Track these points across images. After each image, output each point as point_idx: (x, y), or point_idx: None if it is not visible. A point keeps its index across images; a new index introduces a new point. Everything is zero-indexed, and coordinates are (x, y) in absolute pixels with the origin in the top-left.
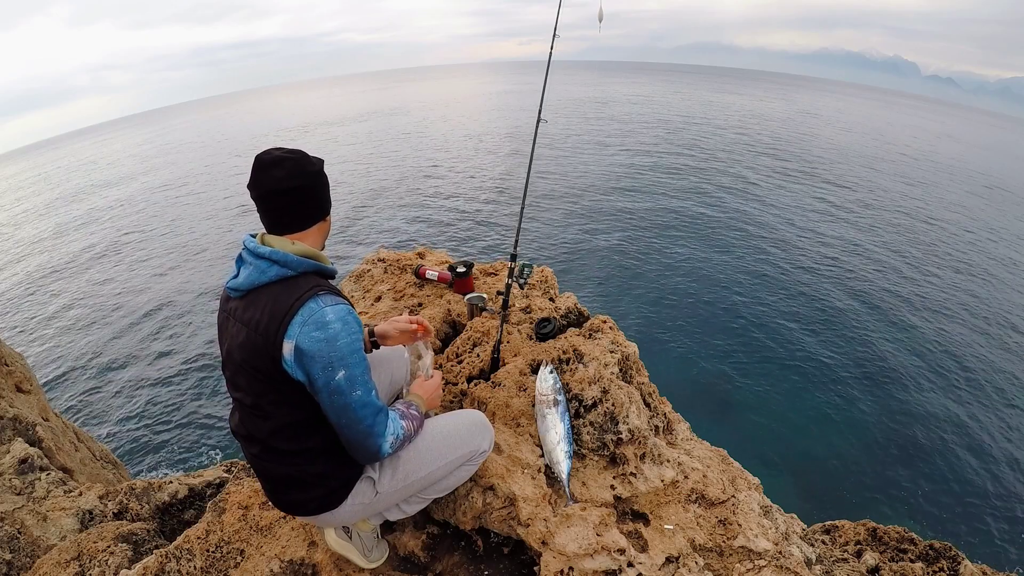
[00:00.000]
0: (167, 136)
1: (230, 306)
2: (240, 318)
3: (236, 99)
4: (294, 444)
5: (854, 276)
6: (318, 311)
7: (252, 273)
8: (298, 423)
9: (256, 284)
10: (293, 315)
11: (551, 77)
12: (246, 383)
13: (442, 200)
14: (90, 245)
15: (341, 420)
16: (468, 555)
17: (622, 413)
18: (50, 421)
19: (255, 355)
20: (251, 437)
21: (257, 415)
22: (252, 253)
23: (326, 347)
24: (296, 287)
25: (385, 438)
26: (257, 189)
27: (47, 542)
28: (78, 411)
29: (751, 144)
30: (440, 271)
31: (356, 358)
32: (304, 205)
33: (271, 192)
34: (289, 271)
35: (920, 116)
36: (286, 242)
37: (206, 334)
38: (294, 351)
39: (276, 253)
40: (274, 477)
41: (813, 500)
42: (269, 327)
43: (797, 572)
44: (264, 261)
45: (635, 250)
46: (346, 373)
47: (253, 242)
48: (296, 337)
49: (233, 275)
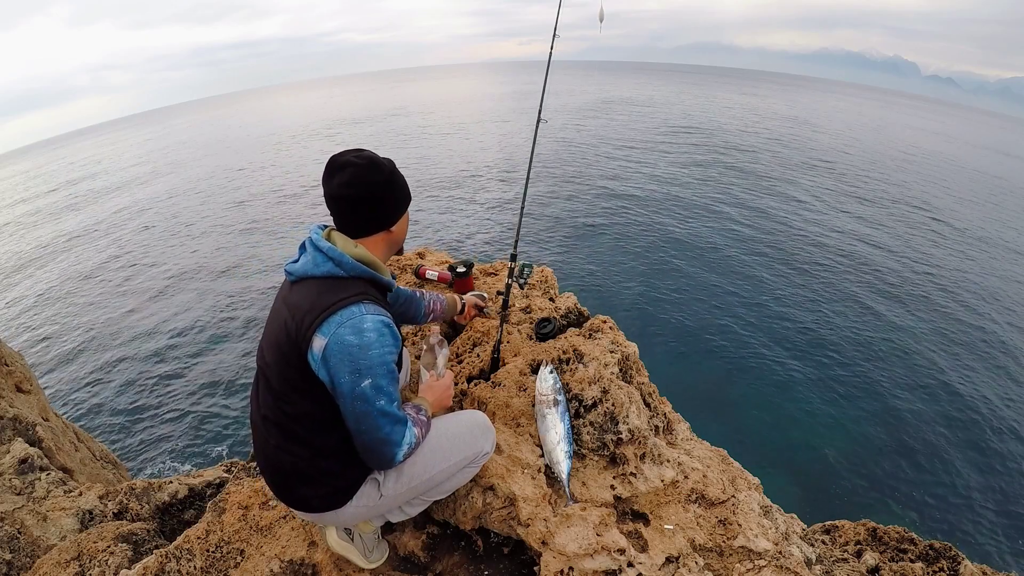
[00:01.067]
0: (168, 136)
1: (285, 288)
2: (287, 300)
3: (236, 99)
4: (310, 435)
5: (854, 276)
6: (358, 316)
7: (308, 263)
8: (314, 416)
9: (308, 274)
10: (332, 313)
11: (551, 77)
12: (273, 361)
13: (442, 200)
14: (91, 245)
15: (360, 426)
16: (468, 555)
17: (622, 413)
18: (50, 421)
19: (287, 340)
20: (273, 421)
21: (277, 397)
22: (313, 244)
23: (358, 352)
24: (344, 288)
25: (401, 447)
26: (325, 189)
27: (47, 542)
28: (78, 411)
29: (752, 144)
30: (440, 271)
31: (384, 370)
32: (361, 214)
33: (332, 196)
34: (341, 272)
35: (920, 116)
36: (349, 243)
37: (208, 334)
38: (324, 348)
39: (333, 251)
40: (284, 469)
41: (813, 500)
42: (306, 318)
43: (797, 572)
44: (321, 255)
45: (636, 250)
46: (372, 382)
47: (319, 234)
48: (330, 335)
49: (293, 259)
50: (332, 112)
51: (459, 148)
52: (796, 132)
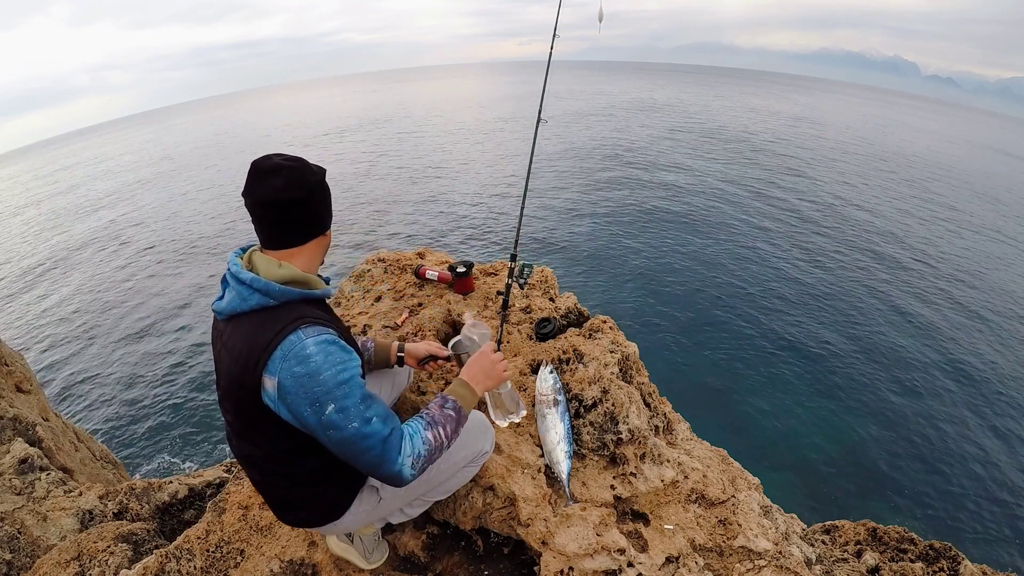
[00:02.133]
0: (168, 136)
1: (219, 327)
2: (225, 344)
3: (236, 99)
4: (285, 469)
5: (854, 277)
6: (298, 344)
7: (234, 299)
8: (288, 450)
9: (238, 311)
10: (272, 350)
11: (551, 77)
12: (232, 408)
13: (442, 200)
14: (91, 246)
15: (346, 454)
16: (468, 555)
17: (622, 413)
18: (50, 421)
19: (237, 385)
20: (250, 460)
21: (246, 440)
22: (235, 277)
23: (308, 382)
24: (276, 320)
25: (400, 463)
26: (251, 197)
27: (47, 542)
28: (78, 411)
29: (753, 144)
30: (440, 271)
31: (344, 390)
32: (300, 219)
33: (265, 203)
34: (271, 300)
35: (920, 116)
36: (272, 265)
37: (206, 334)
38: (277, 388)
39: (257, 281)
40: (274, 496)
41: (813, 500)
42: (248, 361)
43: (797, 572)
44: (245, 288)
45: (636, 250)
46: (336, 406)
47: (237, 265)
48: (278, 373)
49: (219, 296)
50: (332, 112)
51: (459, 148)
52: (798, 131)
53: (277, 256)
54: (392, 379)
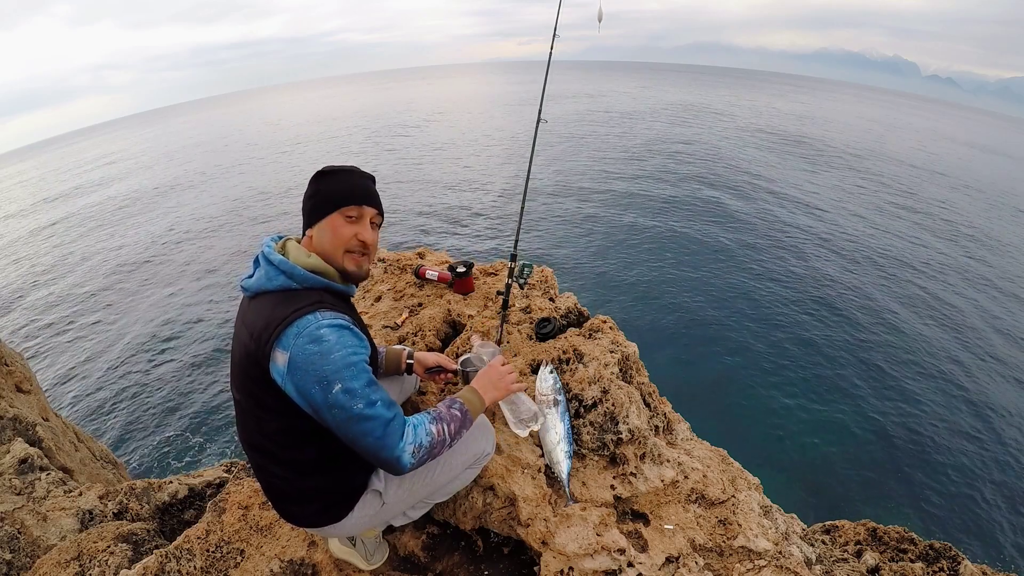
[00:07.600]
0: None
1: (243, 307)
2: (245, 319)
3: (237, 99)
4: (285, 453)
5: (855, 277)
6: (313, 323)
7: (261, 278)
8: (289, 430)
9: (263, 289)
10: (288, 325)
11: (551, 77)
12: (240, 383)
13: (442, 200)
14: (92, 245)
15: (348, 435)
16: (468, 555)
17: (622, 413)
18: (50, 421)
19: (249, 359)
20: (252, 444)
21: (250, 418)
22: (266, 259)
23: (319, 360)
24: (297, 300)
25: (401, 449)
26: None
27: (47, 542)
28: (78, 411)
29: (753, 143)
30: (440, 271)
31: (352, 371)
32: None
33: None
34: (294, 284)
35: (920, 116)
36: (302, 253)
37: (207, 334)
38: (288, 363)
39: (285, 263)
40: (273, 488)
41: (813, 500)
42: (263, 334)
43: (797, 572)
44: (273, 268)
45: (636, 250)
46: (343, 386)
47: (271, 247)
48: (291, 348)
49: (248, 274)
50: (332, 112)
51: (459, 148)
52: (798, 131)
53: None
54: (400, 384)
